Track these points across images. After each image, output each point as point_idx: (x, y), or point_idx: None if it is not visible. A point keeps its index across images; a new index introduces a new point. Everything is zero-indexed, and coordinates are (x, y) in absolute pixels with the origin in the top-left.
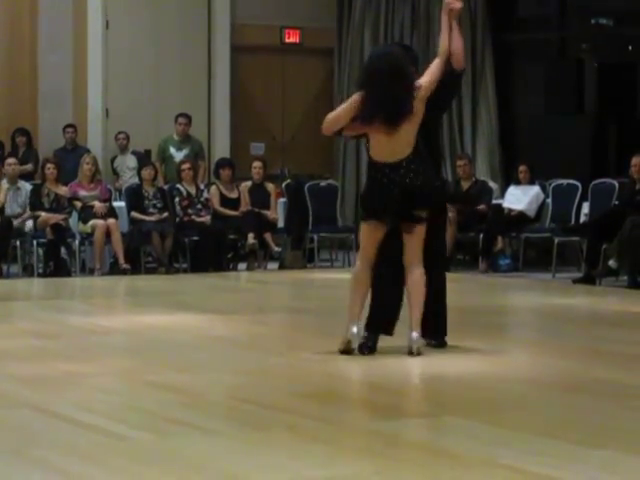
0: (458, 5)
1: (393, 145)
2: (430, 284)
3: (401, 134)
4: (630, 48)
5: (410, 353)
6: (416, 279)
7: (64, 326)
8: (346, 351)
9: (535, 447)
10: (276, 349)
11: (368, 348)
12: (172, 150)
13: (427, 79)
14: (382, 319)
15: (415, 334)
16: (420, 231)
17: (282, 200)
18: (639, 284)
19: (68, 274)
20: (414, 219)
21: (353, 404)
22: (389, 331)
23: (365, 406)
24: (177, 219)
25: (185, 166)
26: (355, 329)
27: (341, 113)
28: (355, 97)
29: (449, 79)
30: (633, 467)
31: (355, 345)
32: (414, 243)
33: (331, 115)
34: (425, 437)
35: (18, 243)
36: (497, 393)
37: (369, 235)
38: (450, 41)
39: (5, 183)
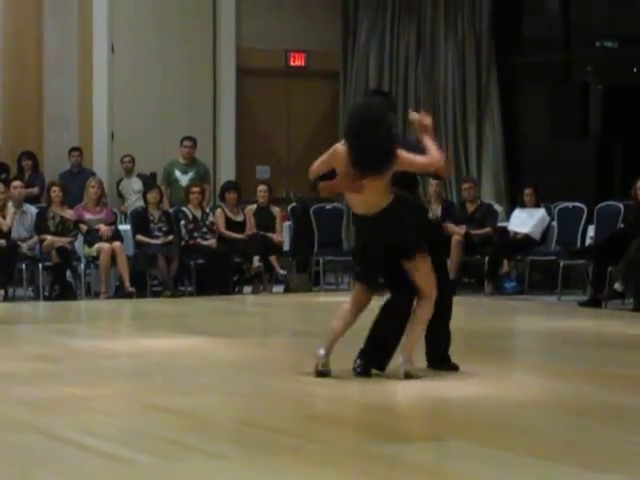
0: (428, 120)
1: (366, 197)
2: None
3: (372, 186)
4: (635, 70)
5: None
6: (416, 309)
7: (69, 349)
8: (319, 373)
9: (540, 471)
10: (281, 372)
11: (357, 373)
12: (177, 173)
13: (407, 159)
14: (378, 352)
15: (402, 358)
16: (414, 266)
17: (287, 223)
18: None
19: (74, 297)
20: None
21: (357, 427)
22: (382, 366)
23: (369, 429)
24: (182, 242)
25: (195, 189)
26: (322, 351)
27: (321, 161)
28: (337, 146)
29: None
30: None
31: (320, 367)
32: (414, 278)
33: (314, 164)
34: (429, 461)
35: (24, 266)
36: (502, 416)
37: (360, 294)
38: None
39: (11, 207)
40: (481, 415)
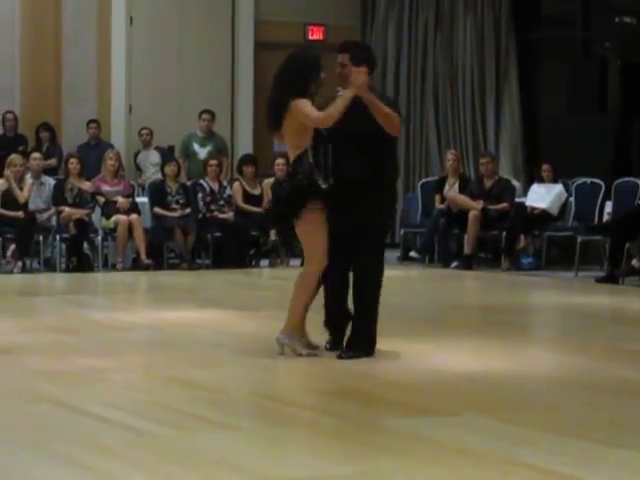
0: (362, 77)
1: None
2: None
3: (286, 139)
4: None
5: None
6: (298, 278)
7: (86, 321)
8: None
9: (556, 446)
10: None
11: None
12: (196, 146)
13: (301, 112)
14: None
15: (279, 334)
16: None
17: None
18: None
19: (90, 269)
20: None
21: (373, 401)
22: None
23: (385, 403)
24: (200, 215)
25: (213, 162)
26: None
27: None
28: None
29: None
30: None
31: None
32: (303, 245)
33: None
34: (446, 435)
35: (41, 238)
36: (517, 391)
37: None
38: (376, 114)
39: (29, 178)
40: (497, 390)
